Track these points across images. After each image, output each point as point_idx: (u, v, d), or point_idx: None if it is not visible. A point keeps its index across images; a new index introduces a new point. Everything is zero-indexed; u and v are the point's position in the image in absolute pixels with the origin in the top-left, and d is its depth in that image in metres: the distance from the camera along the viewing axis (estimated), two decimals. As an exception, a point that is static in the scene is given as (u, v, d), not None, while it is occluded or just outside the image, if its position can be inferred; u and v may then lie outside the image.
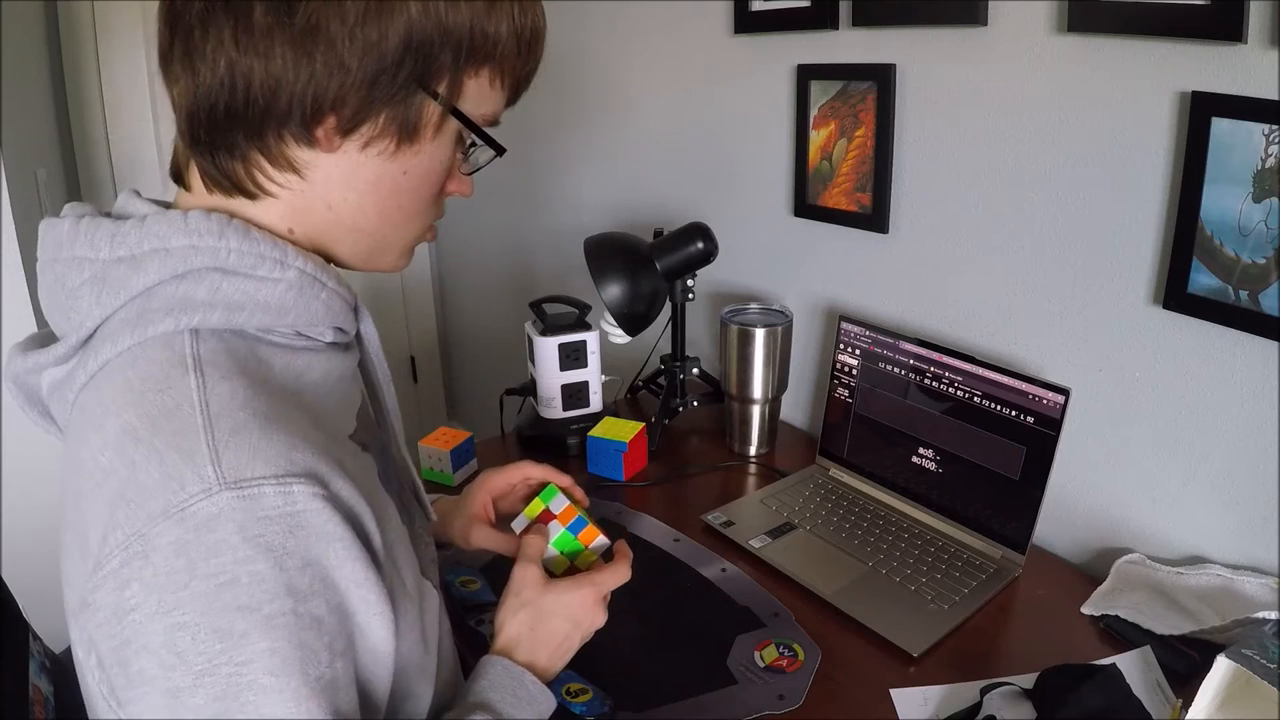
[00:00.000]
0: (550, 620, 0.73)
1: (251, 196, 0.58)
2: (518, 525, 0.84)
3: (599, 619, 0.76)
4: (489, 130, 0.62)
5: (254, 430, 0.50)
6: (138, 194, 0.59)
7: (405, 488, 0.73)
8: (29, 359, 0.58)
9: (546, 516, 0.83)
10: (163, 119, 2.17)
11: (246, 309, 0.55)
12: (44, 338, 0.60)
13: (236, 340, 0.55)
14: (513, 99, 0.63)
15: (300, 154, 0.56)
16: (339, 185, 0.58)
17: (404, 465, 0.73)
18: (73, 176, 2.10)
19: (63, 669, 0.78)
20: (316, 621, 0.49)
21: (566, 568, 0.82)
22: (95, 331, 0.55)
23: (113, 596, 0.47)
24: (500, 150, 0.63)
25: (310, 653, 0.49)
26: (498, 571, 1.06)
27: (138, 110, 2.14)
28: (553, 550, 0.81)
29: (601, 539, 0.82)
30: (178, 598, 0.46)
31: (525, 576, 0.75)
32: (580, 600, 0.75)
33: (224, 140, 0.55)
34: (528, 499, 0.87)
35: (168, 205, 0.60)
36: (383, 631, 0.54)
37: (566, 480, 0.87)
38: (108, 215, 0.58)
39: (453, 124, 0.59)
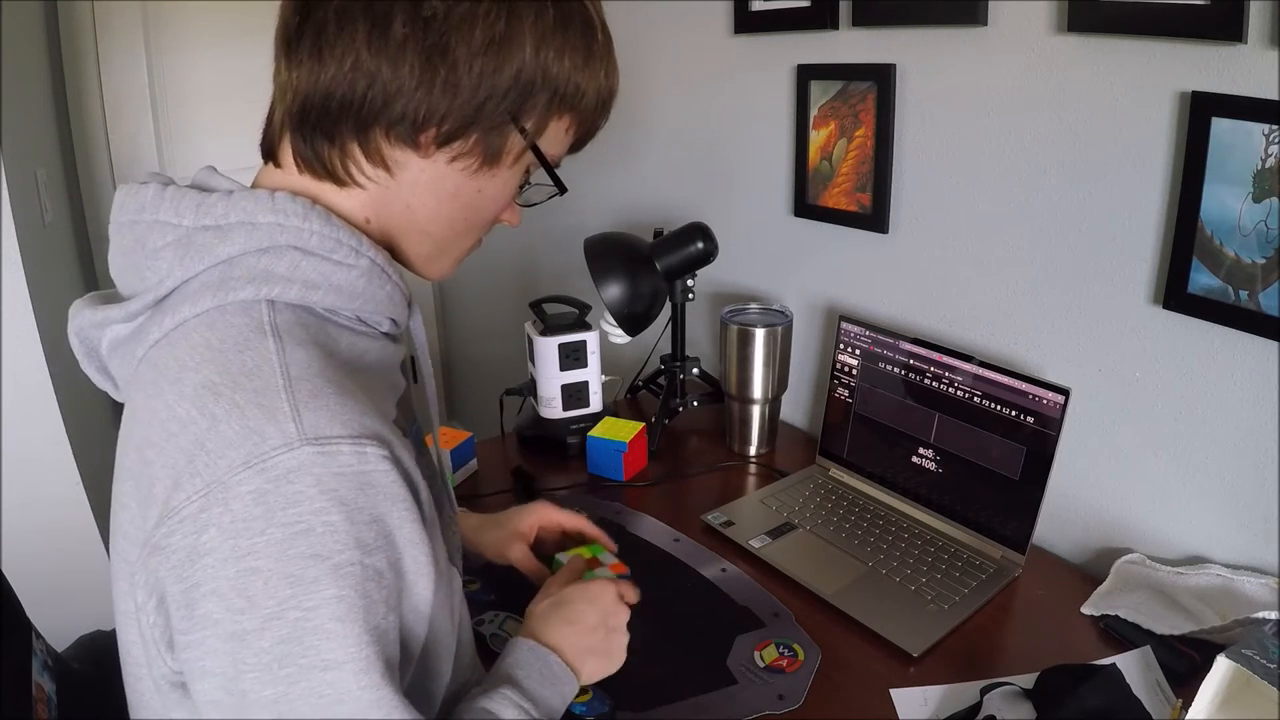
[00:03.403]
0: (573, 604, 0.78)
1: (340, 184, 0.61)
2: (563, 558, 0.95)
3: (620, 611, 0.80)
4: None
5: (330, 395, 0.53)
6: (216, 170, 0.62)
7: (436, 478, 0.74)
8: (98, 313, 0.60)
9: (594, 563, 0.94)
10: (163, 119, 2.17)
11: (321, 289, 0.58)
12: (107, 296, 0.62)
13: (308, 315, 0.58)
14: (577, 147, 0.69)
15: (396, 153, 0.60)
16: (423, 189, 0.62)
17: (436, 457, 0.77)
18: (73, 176, 2.10)
19: (65, 667, 0.78)
20: (379, 574, 0.52)
21: None
22: (172, 293, 0.57)
23: (189, 540, 0.49)
24: (563, 189, 0.68)
25: (371, 603, 0.51)
26: (497, 572, 1.06)
27: (138, 110, 2.14)
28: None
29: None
30: (253, 543, 0.48)
31: (550, 582, 0.82)
32: (600, 587, 0.80)
33: (329, 129, 0.58)
34: (560, 544, 0.98)
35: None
36: (426, 592, 0.56)
37: (611, 547, 0.98)
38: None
39: (528, 157, 0.64)
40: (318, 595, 0.49)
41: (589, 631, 0.77)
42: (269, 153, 0.64)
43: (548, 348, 1.36)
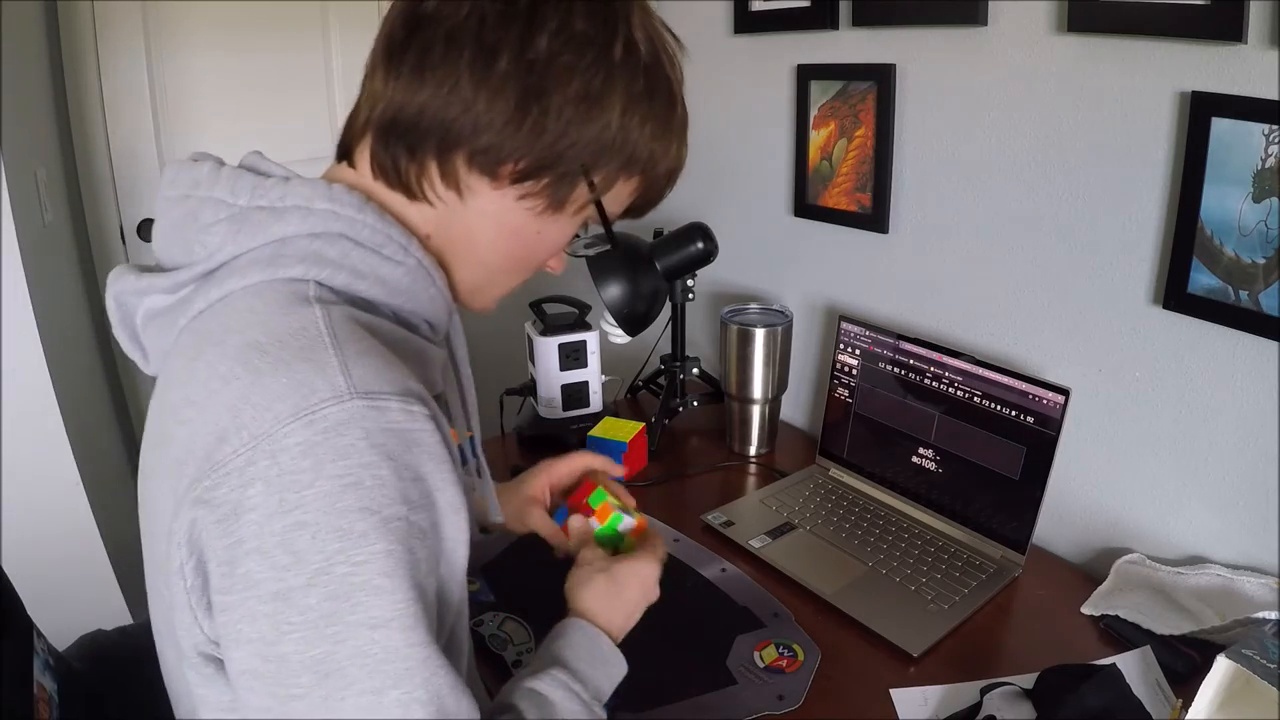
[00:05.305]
0: (627, 588, 0.77)
1: (411, 197, 0.62)
2: (560, 519, 0.91)
3: (656, 594, 0.79)
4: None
5: (377, 356, 0.53)
6: (264, 156, 0.63)
7: (471, 480, 0.75)
8: (141, 280, 0.60)
9: (585, 509, 0.89)
10: (163, 119, 2.17)
11: (367, 279, 0.59)
12: (147, 268, 0.62)
13: (349, 300, 0.59)
14: (637, 212, 0.70)
15: (471, 179, 0.61)
16: (488, 219, 0.63)
17: (481, 464, 0.78)
18: (73, 176, 2.10)
19: (67, 667, 0.78)
20: (423, 532, 0.52)
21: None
22: (221, 266, 0.58)
23: (234, 494, 0.49)
24: (617, 246, 0.70)
25: (417, 560, 0.52)
26: (498, 572, 1.06)
27: (138, 110, 2.14)
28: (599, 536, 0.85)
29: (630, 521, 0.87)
30: (301, 497, 0.48)
31: (590, 554, 0.80)
32: (650, 572, 0.79)
33: (413, 144, 0.60)
34: (573, 491, 0.94)
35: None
36: (462, 559, 0.57)
37: (618, 470, 0.95)
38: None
39: (589, 210, 0.65)
40: (367, 549, 0.49)
41: (634, 612, 0.77)
42: (345, 153, 0.65)
43: (548, 348, 1.36)
